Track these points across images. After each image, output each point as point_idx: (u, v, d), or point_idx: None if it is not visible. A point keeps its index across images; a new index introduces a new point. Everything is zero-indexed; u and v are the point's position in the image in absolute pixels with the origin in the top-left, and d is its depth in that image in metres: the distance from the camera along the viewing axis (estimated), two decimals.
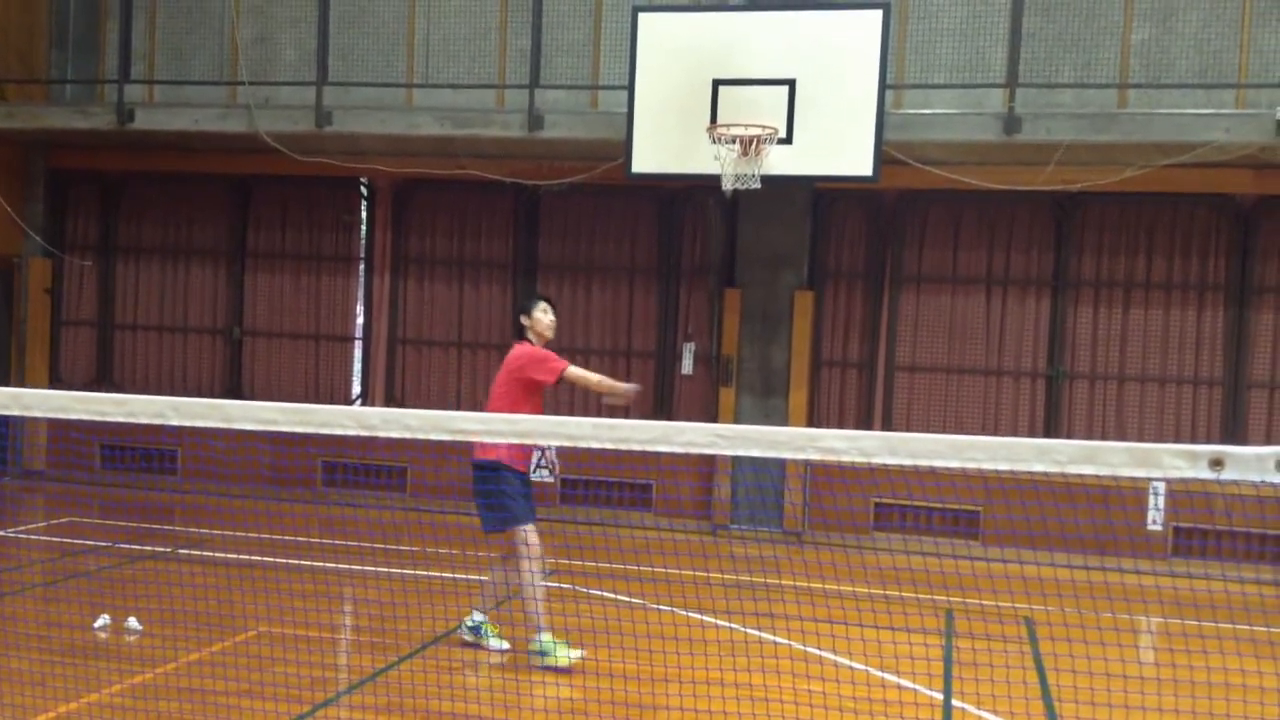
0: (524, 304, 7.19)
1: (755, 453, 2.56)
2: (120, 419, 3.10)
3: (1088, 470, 2.48)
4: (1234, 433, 10.97)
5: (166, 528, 10.74)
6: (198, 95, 12.47)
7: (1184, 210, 11.03)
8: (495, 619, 7.19)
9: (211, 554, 9.57)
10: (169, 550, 9.66)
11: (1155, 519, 10.74)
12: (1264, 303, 10.93)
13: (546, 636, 6.73)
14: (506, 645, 7.06)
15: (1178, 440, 11.15)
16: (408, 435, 2.86)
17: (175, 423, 3.03)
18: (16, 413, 3.15)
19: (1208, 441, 11.09)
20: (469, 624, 7.13)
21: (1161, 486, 10.61)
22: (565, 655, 6.70)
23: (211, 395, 13.05)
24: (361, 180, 12.79)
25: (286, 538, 10.25)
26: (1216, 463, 2.43)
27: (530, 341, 7.02)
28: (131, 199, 13.40)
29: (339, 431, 2.93)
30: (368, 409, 3.86)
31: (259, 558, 9.38)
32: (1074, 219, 11.24)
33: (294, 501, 12.18)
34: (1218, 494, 10.32)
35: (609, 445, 2.65)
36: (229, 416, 2.92)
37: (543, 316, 7.04)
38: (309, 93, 11.59)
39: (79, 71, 13.16)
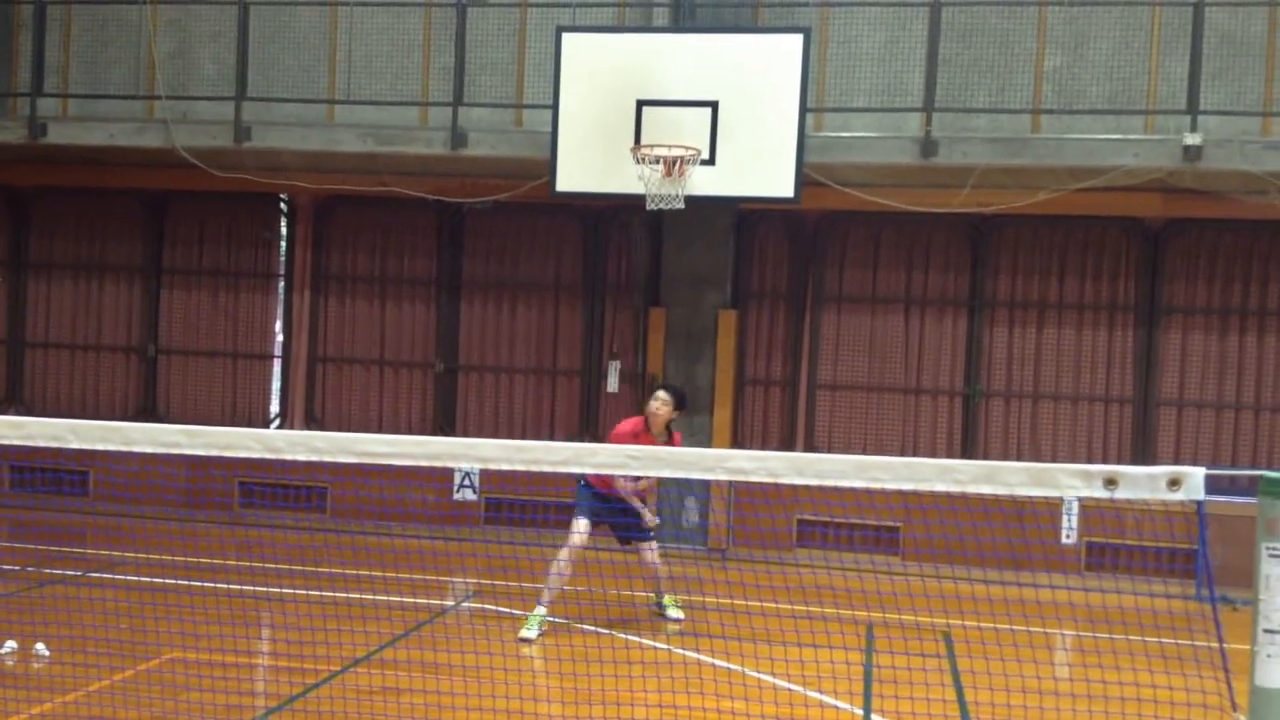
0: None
1: (665, 473, 2.58)
2: (19, 441, 3.02)
3: (987, 490, 2.53)
4: (1144, 450, 11.25)
5: (77, 551, 10.46)
6: (113, 109, 12.22)
7: (1095, 232, 11.32)
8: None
9: (123, 577, 9.33)
10: (79, 574, 9.41)
11: (1069, 534, 10.96)
12: (1172, 323, 11.25)
13: (542, 610, 7.97)
14: (682, 615, 8.66)
15: (1090, 457, 11.42)
16: (315, 458, 2.83)
17: (75, 445, 2.96)
18: None
19: (1119, 459, 11.37)
20: (661, 604, 8.73)
21: (1075, 503, 10.84)
22: (534, 631, 7.87)
23: (125, 415, 12.76)
24: (281, 196, 12.63)
25: (202, 560, 10.04)
26: (1110, 482, 2.49)
27: (645, 415, 8.42)
28: (43, 214, 13.08)
29: (244, 455, 2.89)
30: (273, 431, 3.82)
31: (173, 581, 9.17)
32: (989, 241, 11.48)
33: (210, 523, 11.94)
34: (1128, 511, 10.58)
35: (520, 467, 2.65)
36: (130, 439, 2.85)
37: (651, 403, 8.40)
38: (228, 108, 11.43)
39: None
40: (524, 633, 7.82)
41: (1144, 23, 11.00)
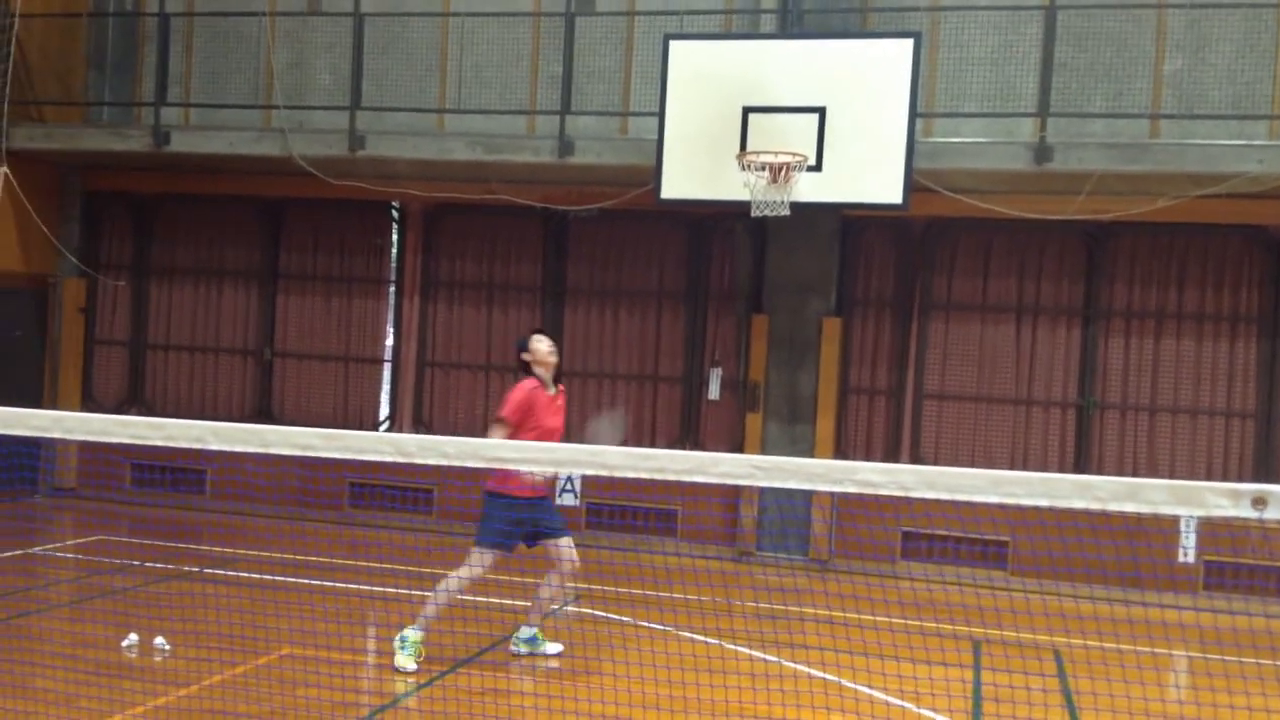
0: (519, 341, 7.66)
1: (792, 484, 2.55)
2: (158, 442, 3.12)
3: (1129, 508, 2.46)
4: (1267, 466, 10.84)
5: (195, 547, 10.79)
6: (233, 119, 12.60)
7: (1216, 241, 10.95)
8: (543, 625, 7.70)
9: (238, 574, 9.61)
10: (197, 570, 9.71)
11: (1187, 552, 10.61)
12: None
13: (413, 634, 7.08)
14: (560, 647, 7.63)
15: (1209, 473, 11.04)
16: (444, 462, 2.87)
17: (215, 447, 3.05)
18: (58, 435, 3.18)
19: (1240, 475, 10.97)
20: (523, 638, 7.57)
21: (1194, 520, 10.49)
22: (409, 660, 7.02)
23: (241, 416, 13.13)
24: (393, 204, 12.88)
25: (313, 558, 10.28)
26: (1260, 501, 2.40)
27: (536, 375, 7.43)
28: (165, 220, 13.54)
29: (375, 458, 2.94)
30: (405, 436, 3.89)
31: (286, 578, 9.41)
32: (1105, 248, 11.18)
33: (321, 522, 12.22)
34: (1251, 529, 10.19)
35: (644, 475, 2.65)
36: (266, 441, 2.93)
37: (539, 345, 7.45)
38: (342, 117, 11.70)
39: (116, 94, 13.34)
40: (403, 664, 6.99)
41: (1269, 25, 10.62)
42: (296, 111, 12.33)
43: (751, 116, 9.88)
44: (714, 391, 11.96)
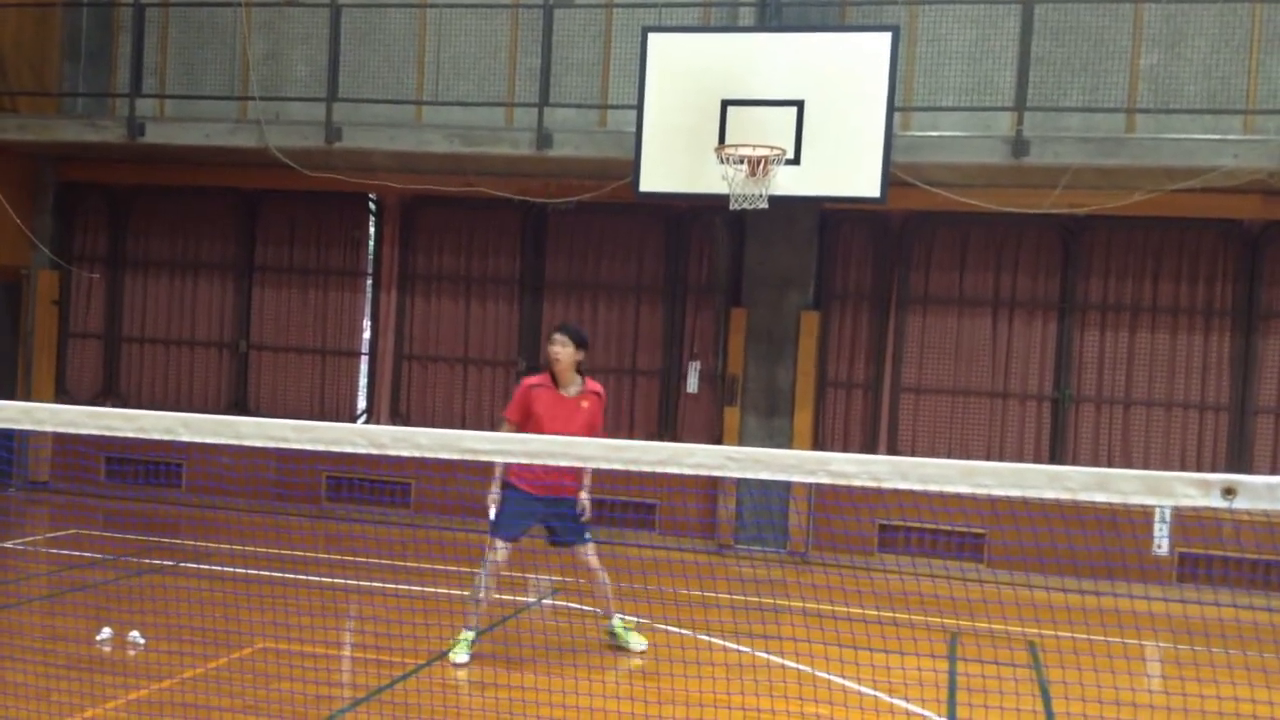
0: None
1: (765, 475, 2.56)
2: (129, 434, 3.10)
3: (1099, 498, 2.47)
4: (1240, 458, 10.94)
5: (170, 541, 10.73)
6: (208, 110, 12.52)
7: (1191, 235, 11.03)
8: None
9: (215, 568, 9.56)
10: (172, 564, 9.65)
11: (1162, 544, 10.69)
12: (1271, 328, 10.92)
13: (470, 634, 7.32)
14: (645, 644, 7.66)
15: (1184, 465, 11.13)
16: (418, 454, 2.86)
17: (186, 439, 3.03)
18: (28, 427, 3.15)
19: (1214, 467, 11.06)
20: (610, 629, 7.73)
21: (1169, 512, 10.57)
22: (464, 655, 7.19)
23: (217, 408, 13.06)
24: (370, 196, 12.83)
25: (290, 552, 10.24)
26: (1229, 491, 2.42)
27: (551, 373, 7.50)
28: (141, 212, 13.44)
29: (349, 449, 2.93)
30: (378, 427, 3.87)
31: (262, 572, 9.36)
32: (1081, 242, 11.25)
33: (298, 516, 12.17)
34: (1225, 520, 10.28)
35: (618, 466, 2.66)
36: (240, 433, 2.91)
37: (547, 346, 7.53)
38: (319, 108, 11.63)
39: (91, 84, 13.22)
40: (455, 658, 7.16)
41: (1243, 20, 10.70)
42: (273, 103, 12.26)
43: (730, 110, 9.89)
44: (692, 385, 11.98)
